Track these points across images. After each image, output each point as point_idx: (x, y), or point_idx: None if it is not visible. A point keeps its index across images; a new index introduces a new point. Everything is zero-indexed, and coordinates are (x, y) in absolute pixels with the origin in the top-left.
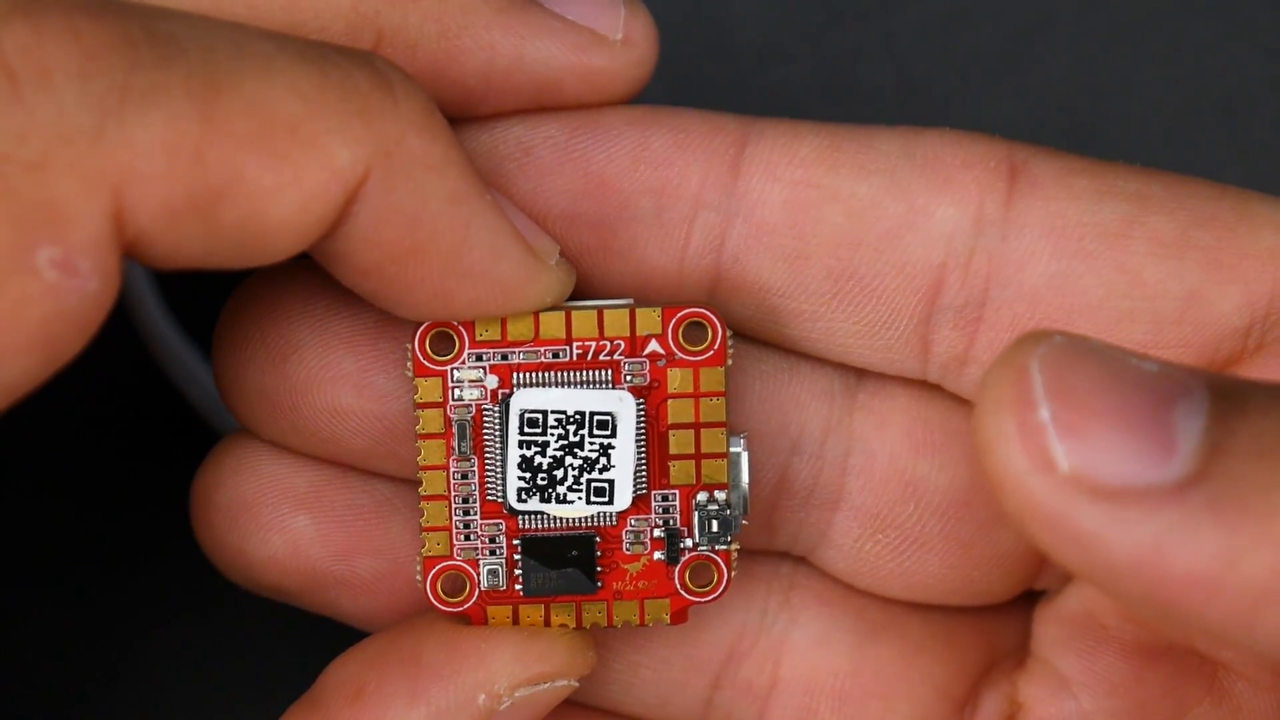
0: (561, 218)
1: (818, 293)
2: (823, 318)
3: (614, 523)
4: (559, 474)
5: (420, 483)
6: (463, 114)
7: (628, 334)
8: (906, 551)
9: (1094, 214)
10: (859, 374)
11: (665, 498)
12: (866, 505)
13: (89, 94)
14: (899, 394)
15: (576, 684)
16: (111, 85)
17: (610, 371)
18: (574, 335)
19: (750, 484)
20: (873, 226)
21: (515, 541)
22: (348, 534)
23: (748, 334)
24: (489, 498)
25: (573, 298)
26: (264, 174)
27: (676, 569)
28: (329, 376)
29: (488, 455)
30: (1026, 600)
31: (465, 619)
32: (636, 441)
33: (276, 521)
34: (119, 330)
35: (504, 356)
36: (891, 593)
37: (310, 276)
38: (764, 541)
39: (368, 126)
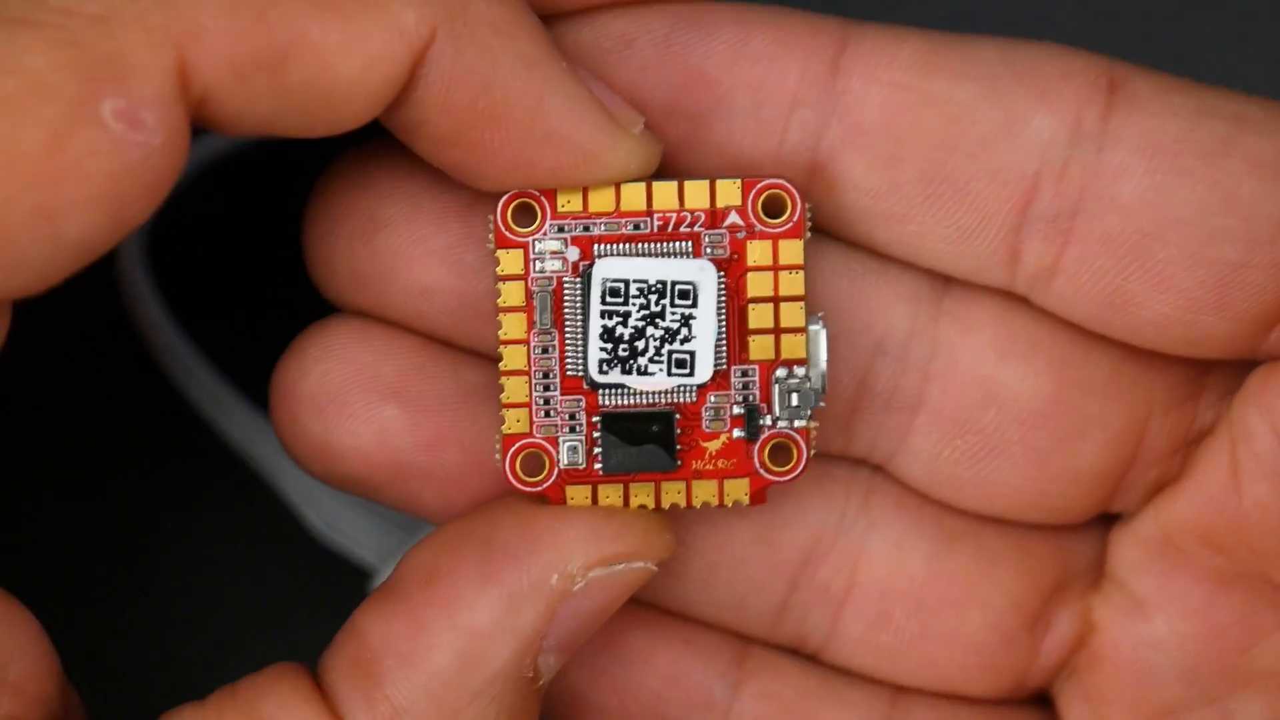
0: (660, 110)
1: (911, 195)
2: (914, 220)
3: (694, 399)
4: (640, 345)
5: (501, 358)
6: (555, 9)
7: (708, 206)
8: (984, 459)
9: (1192, 131)
10: (946, 281)
11: (745, 373)
12: (947, 410)
13: None
14: (985, 302)
15: (654, 568)
16: None
17: (691, 243)
18: (655, 207)
19: (829, 362)
20: (969, 131)
21: (595, 419)
22: (435, 424)
23: (839, 234)
24: (569, 373)
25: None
26: (329, 33)
27: (756, 446)
28: (418, 252)
29: (568, 329)
30: (1102, 524)
31: (544, 499)
32: (718, 312)
33: (365, 411)
34: (119, 330)
35: (585, 228)
36: (968, 503)
37: (400, 156)
38: (842, 445)
39: None
